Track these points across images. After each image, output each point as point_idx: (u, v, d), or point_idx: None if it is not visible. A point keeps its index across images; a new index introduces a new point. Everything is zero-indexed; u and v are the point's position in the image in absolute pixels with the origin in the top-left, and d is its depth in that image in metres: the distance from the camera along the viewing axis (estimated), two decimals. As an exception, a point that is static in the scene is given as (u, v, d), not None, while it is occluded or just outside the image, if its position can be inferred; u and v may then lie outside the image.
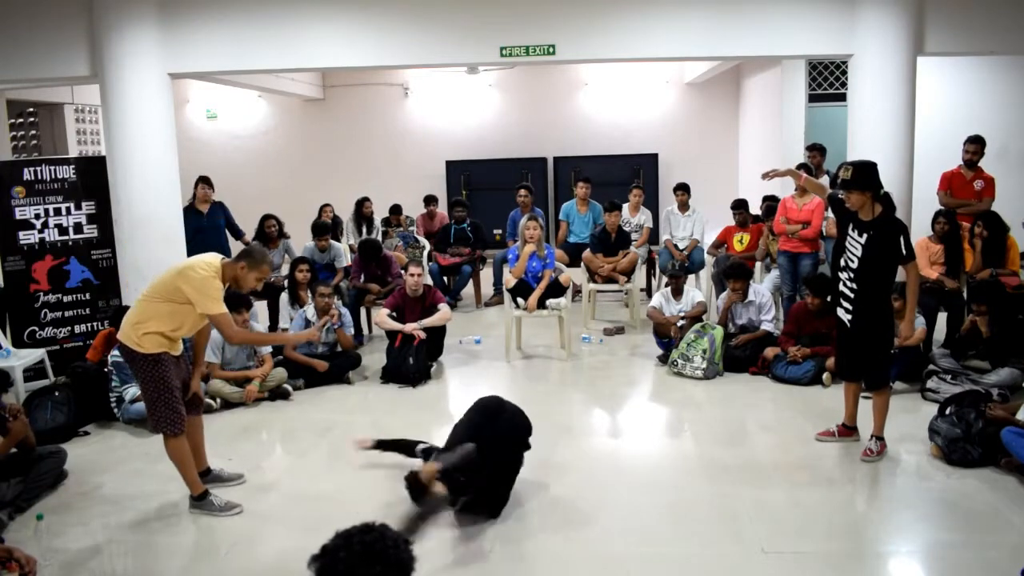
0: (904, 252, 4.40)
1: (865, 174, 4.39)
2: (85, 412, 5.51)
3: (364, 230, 9.24)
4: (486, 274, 9.15)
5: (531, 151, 12.06)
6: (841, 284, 4.58)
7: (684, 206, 8.43)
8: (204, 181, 7.90)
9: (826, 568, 3.54)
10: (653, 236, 8.85)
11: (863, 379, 4.72)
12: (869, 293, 4.48)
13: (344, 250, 8.23)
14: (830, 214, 6.82)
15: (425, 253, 8.74)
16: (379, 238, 8.77)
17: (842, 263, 4.56)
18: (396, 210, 9.56)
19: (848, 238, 4.50)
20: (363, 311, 7.67)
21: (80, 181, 6.60)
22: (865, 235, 4.41)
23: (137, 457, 4.98)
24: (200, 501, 4.14)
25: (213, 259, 4.08)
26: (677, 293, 6.78)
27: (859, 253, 4.43)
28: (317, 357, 6.27)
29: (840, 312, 4.63)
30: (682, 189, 8.46)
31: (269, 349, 6.07)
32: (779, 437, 5.04)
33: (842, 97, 9.36)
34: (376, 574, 1.76)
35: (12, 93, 9.38)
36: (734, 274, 6.43)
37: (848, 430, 4.85)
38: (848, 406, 4.86)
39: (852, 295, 4.52)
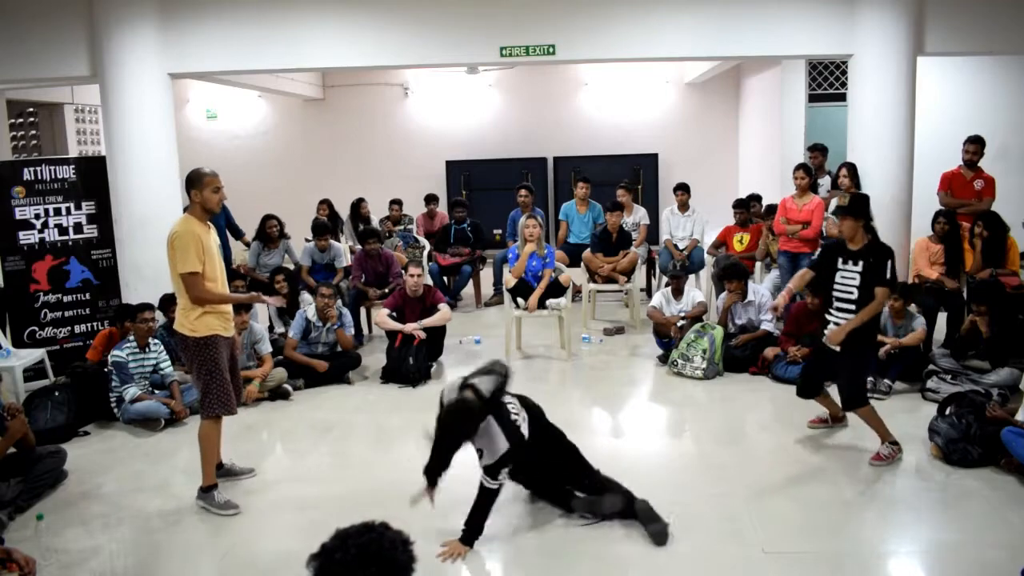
0: (888, 275, 4.47)
1: (861, 203, 4.56)
2: (85, 412, 5.51)
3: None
4: (486, 274, 9.14)
5: (531, 151, 12.06)
6: (834, 321, 4.59)
7: (684, 206, 8.43)
8: (204, 181, 7.89)
9: (826, 568, 3.54)
10: (653, 236, 8.84)
11: (842, 399, 4.67)
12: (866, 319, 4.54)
13: (344, 250, 8.23)
14: (829, 214, 6.84)
15: (425, 253, 8.74)
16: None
17: (835, 297, 4.60)
18: (397, 202, 9.55)
19: (840, 273, 4.58)
20: (363, 311, 7.67)
21: (80, 181, 6.61)
22: (861, 263, 4.51)
23: (137, 457, 4.99)
24: (205, 493, 4.19)
25: (182, 217, 4.21)
26: (677, 293, 6.78)
27: (857, 282, 4.51)
28: (317, 357, 6.27)
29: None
30: (682, 189, 8.45)
31: (269, 349, 6.07)
32: (779, 437, 5.04)
33: (842, 97, 9.36)
34: (372, 575, 1.75)
35: (12, 93, 9.38)
36: (730, 274, 6.43)
37: (837, 419, 5.00)
38: (825, 406, 5.02)
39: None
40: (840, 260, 4.60)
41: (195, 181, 4.13)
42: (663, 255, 8.29)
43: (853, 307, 4.51)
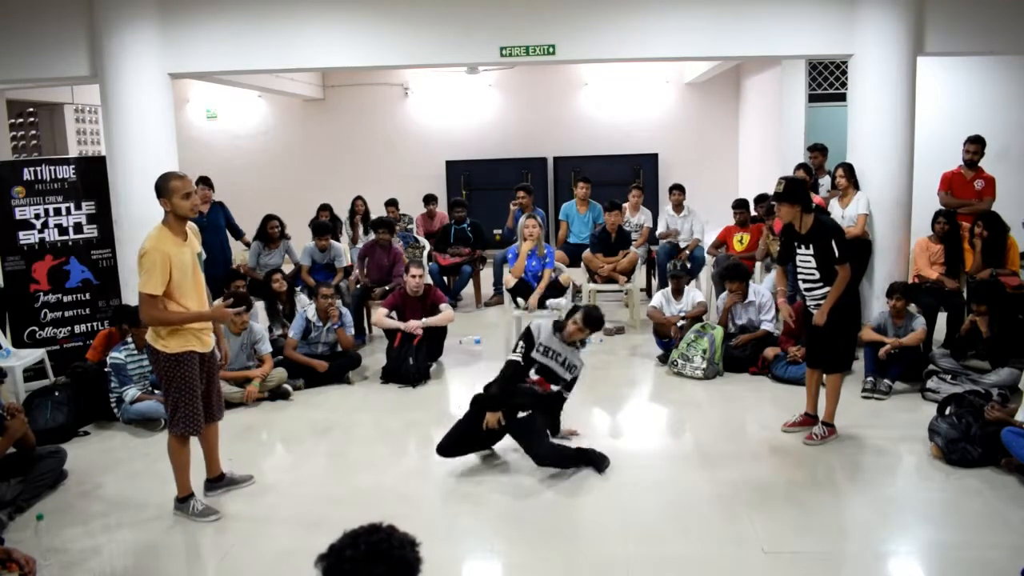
0: (836, 254, 4.65)
1: (794, 189, 4.74)
2: (85, 412, 5.51)
3: (360, 229, 9.27)
4: (486, 274, 9.15)
5: (531, 151, 12.06)
6: (808, 301, 4.91)
7: (679, 207, 8.43)
8: (203, 182, 7.89)
9: (826, 568, 3.55)
10: (653, 236, 8.85)
11: (822, 364, 4.98)
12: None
13: (344, 250, 8.23)
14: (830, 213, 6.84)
15: (425, 253, 8.74)
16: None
17: (801, 282, 4.91)
18: (392, 203, 9.55)
19: (798, 257, 4.86)
20: (365, 311, 7.66)
21: (80, 181, 6.60)
22: (811, 245, 4.76)
23: (137, 457, 4.99)
24: (182, 503, 4.12)
25: (154, 229, 3.87)
26: (677, 293, 6.78)
27: (813, 264, 4.77)
28: (317, 357, 6.27)
29: (812, 308, 4.93)
30: (677, 189, 8.44)
31: (269, 349, 6.07)
32: (779, 437, 5.04)
33: (842, 97, 9.36)
34: (381, 574, 1.76)
35: (12, 93, 9.39)
36: (731, 275, 6.43)
37: (810, 418, 5.06)
38: (810, 394, 5.10)
39: (822, 299, 4.78)
40: (795, 245, 4.85)
41: (161, 190, 3.86)
42: (662, 252, 8.29)
43: (819, 285, 4.78)
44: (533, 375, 4.71)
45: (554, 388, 4.75)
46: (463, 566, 3.68)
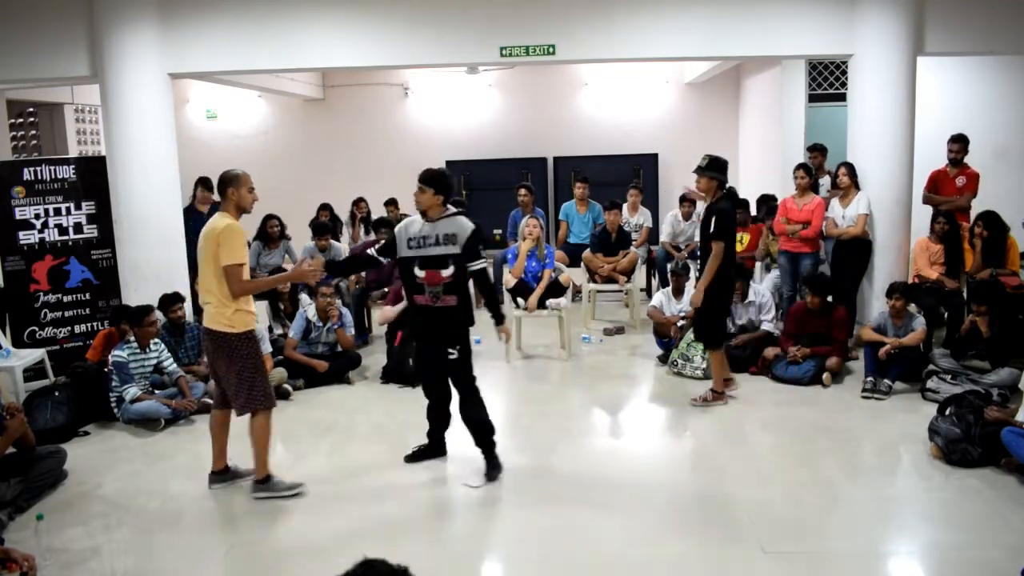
0: (712, 230, 5.18)
1: (715, 164, 5.32)
2: (85, 412, 5.52)
3: (362, 230, 9.27)
4: (486, 274, 9.12)
5: (531, 151, 12.06)
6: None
7: (688, 216, 8.42)
8: (203, 183, 7.88)
9: (826, 568, 3.55)
10: (653, 236, 8.86)
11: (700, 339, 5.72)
12: (703, 267, 5.35)
13: (343, 250, 8.23)
14: (830, 214, 6.84)
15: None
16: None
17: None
18: (392, 202, 9.54)
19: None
20: (365, 311, 7.66)
21: (80, 181, 6.61)
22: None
23: (137, 457, 4.99)
24: (264, 484, 4.24)
25: (220, 214, 4.14)
26: (677, 293, 6.78)
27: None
28: (317, 357, 6.27)
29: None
30: (689, 202, 8.40)
31: (268, 349, 6.07)
32: (779, 437, 5.05)
33: (842, 97, 9.35)
34: None
35: (12, 93, 9.38)
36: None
37: (717, 395, 5.59)
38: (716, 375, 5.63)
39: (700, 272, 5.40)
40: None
41: (232, 180, 4.16)
42: (661, 252, 8.28)
43: (701, 262, 5.36)
44: (419, 272, 4.32)
45: (446, 273, 4.27)
46: (462, 566, 3.68)
